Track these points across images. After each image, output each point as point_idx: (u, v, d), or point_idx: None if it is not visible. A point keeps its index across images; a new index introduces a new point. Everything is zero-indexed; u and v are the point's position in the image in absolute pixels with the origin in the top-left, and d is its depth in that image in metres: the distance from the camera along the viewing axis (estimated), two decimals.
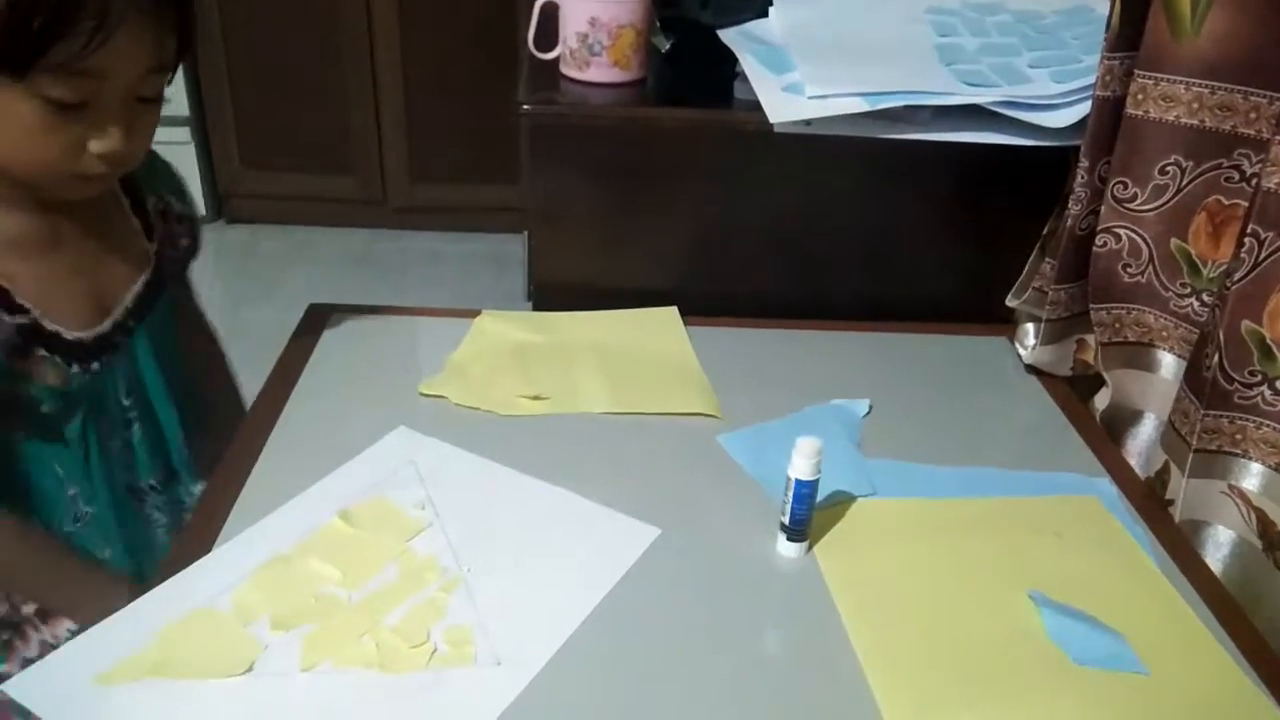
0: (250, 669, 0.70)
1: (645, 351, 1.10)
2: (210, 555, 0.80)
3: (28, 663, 0.79)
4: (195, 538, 0.82)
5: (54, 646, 0.88)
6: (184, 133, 2.79)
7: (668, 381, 1.05)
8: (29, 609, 0.94)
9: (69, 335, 0.85)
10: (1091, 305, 1.03)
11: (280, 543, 0.81)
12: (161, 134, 0.88)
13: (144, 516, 0.97)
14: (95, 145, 0.77)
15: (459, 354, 1.07)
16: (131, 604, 0.75)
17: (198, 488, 1.00)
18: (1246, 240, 0.83)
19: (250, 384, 1.07)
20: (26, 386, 0.83)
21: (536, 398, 1.01)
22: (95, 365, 0.87)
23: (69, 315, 0.85)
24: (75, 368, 0.85)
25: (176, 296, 1.01)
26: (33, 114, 0.73)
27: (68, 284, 0.86)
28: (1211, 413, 0.88)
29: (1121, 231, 0.99)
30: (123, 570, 0.95)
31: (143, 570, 0.96)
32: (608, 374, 1.05)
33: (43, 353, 0.82)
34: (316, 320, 1.13)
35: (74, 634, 0.91)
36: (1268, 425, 0.87)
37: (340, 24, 2.74)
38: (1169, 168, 0.95)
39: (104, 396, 0.89)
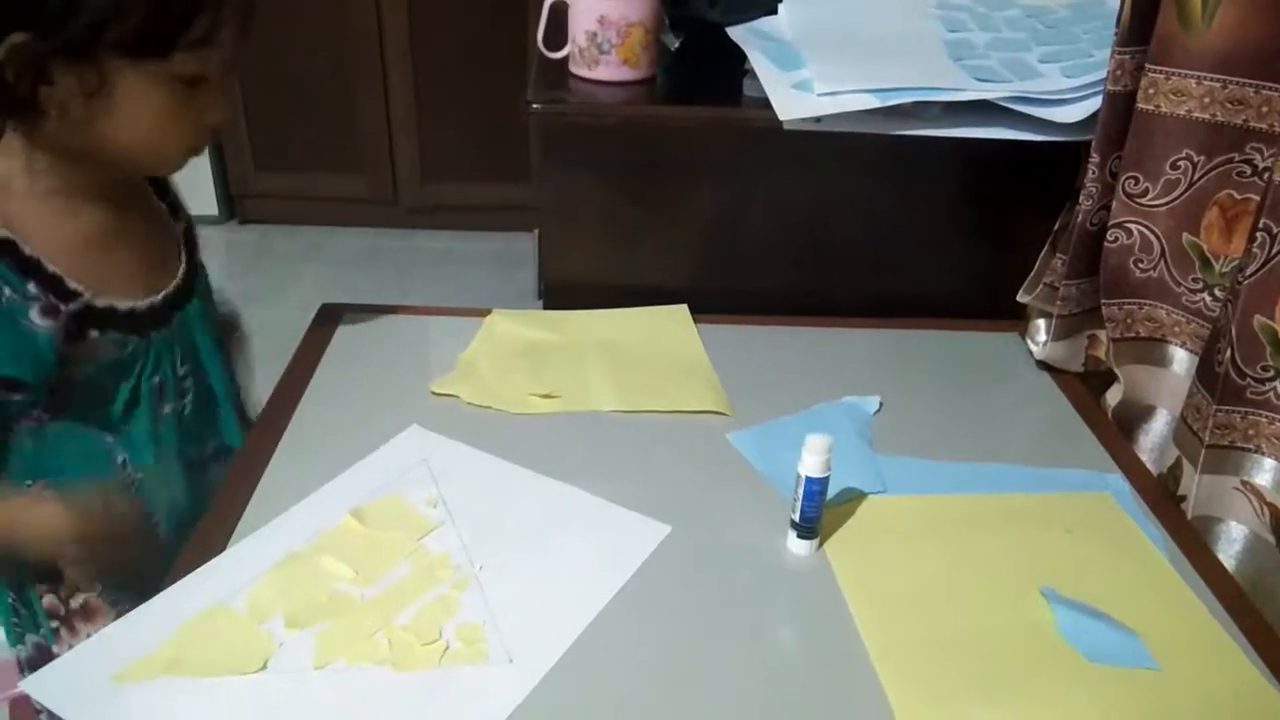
0: (264, 667, 0.71)
1: (656, 350, 1.11)
2: (224, 554, 0.80)
3: None
4: (209, 536, 0.82)
5: None
6: None
7: (678, 379, 1.05)
8: (76, 602, 0.95)
9: (123, 306, 0.86)
10: (1103, 301, 1.03)
11: (294, 541, 0.82)
12: None
13: (204, 485, 0.97)
14: (212, 117, 0.80)
15: (470, 353, 1.08)
16: (147, 603, 0.76)
17: None
18: (1259, 235, 0.83)
19: (263, 383, 1.08)
20: (78, 368, 0.84)
21: (547, 396, 1.01)
22: (151, 334, 0.89)
23: (122, 296, 0.87)
24: (132, 337, 0.87)
25: None
26: (167, 95, 0.76)
27: (127, 270, 0.87)
28: (1224, 408, 0.88)
29: (1133, 226, 0.99)
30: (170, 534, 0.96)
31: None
32: (618, 372, 1.05)
33: (95, 334, 0.84)
34: (329, 320, 1.14)
35: None
36: None
37: (350, 24, 2.75)
38: (1180, 162, 0.94)
39: (160, 363, 0.90)
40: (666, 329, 1.15)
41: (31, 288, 0.79)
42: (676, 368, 1.08)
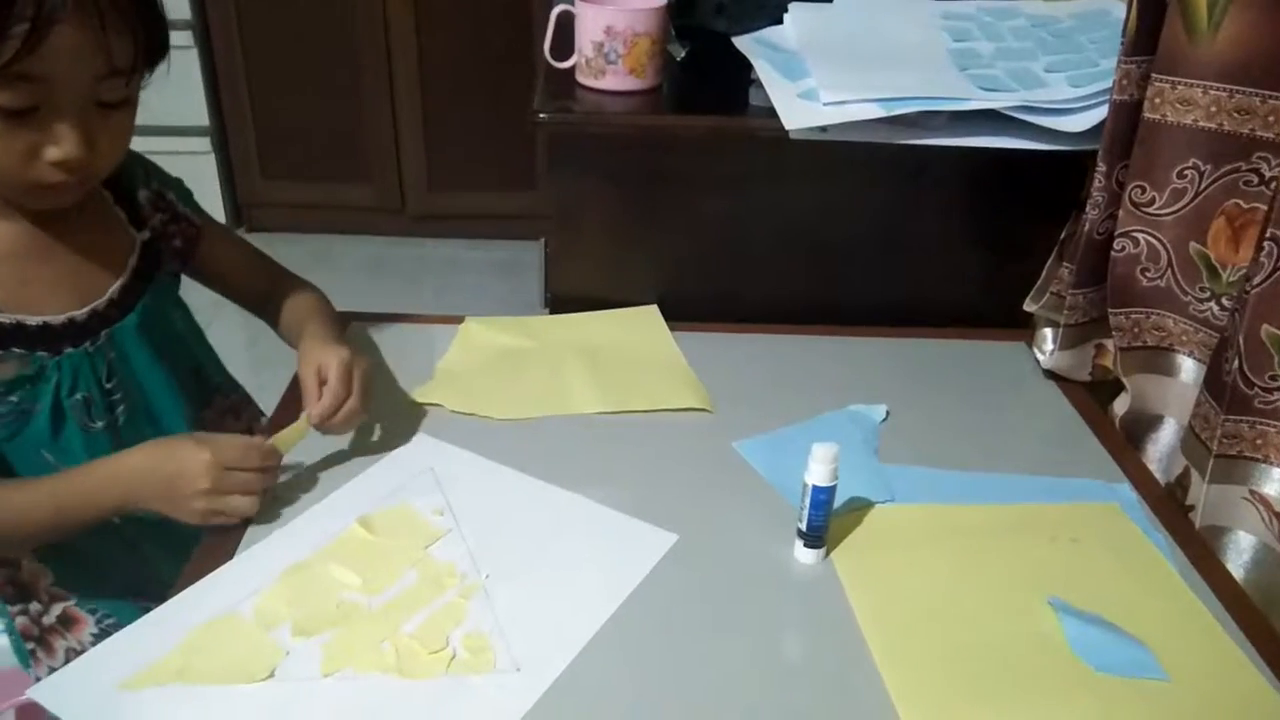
0: (272, 675, 0.71)
1: (631, 351, 1.11)
2: (232, 562, 0.81)
3: (54, 672, 0.80)
4: (217, 545, 0.83)
5: (79, 653, 0.89)
6: (204, 143, 2.81)
7: (656, 378, 1.06)
8: (51, 618, 0.95)
9: (32, 322, 0.84)
10: (1110, 310, 1.03)
11: (301, 549, 0.82)
12: (182, 144, 0.89)
13: None
14: (50, 152, 0.76)
15: (447, 361, 1.08)
16: (155, 610, 0.76)
17: None
18: (1266, 244, 0.83)
19: (271, 390, 1.08)
20: None
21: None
22: (68, 349, 0.86)
23: (44, 311, 0.85)
24: (41, 352, 0.84)
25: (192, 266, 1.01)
26: None
27: (48, 285, 0.85)
28: (1232, 417, 0.88)
29: (1140, 236, 0.99)
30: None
31: (139, 542, 0.96)
32: (596, 374, 1.06)
33: None
34: None
35: (97, 639, 0.92)
36: None
37: (357, 33, 2.76)
38: (1187, 171, 0.94)
39: (79, 379, 0.87)
40: (639, 330, 1.15)
41: None
42: (653, 367, 1.09)
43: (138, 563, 0.96)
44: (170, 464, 0.82)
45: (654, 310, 1.18)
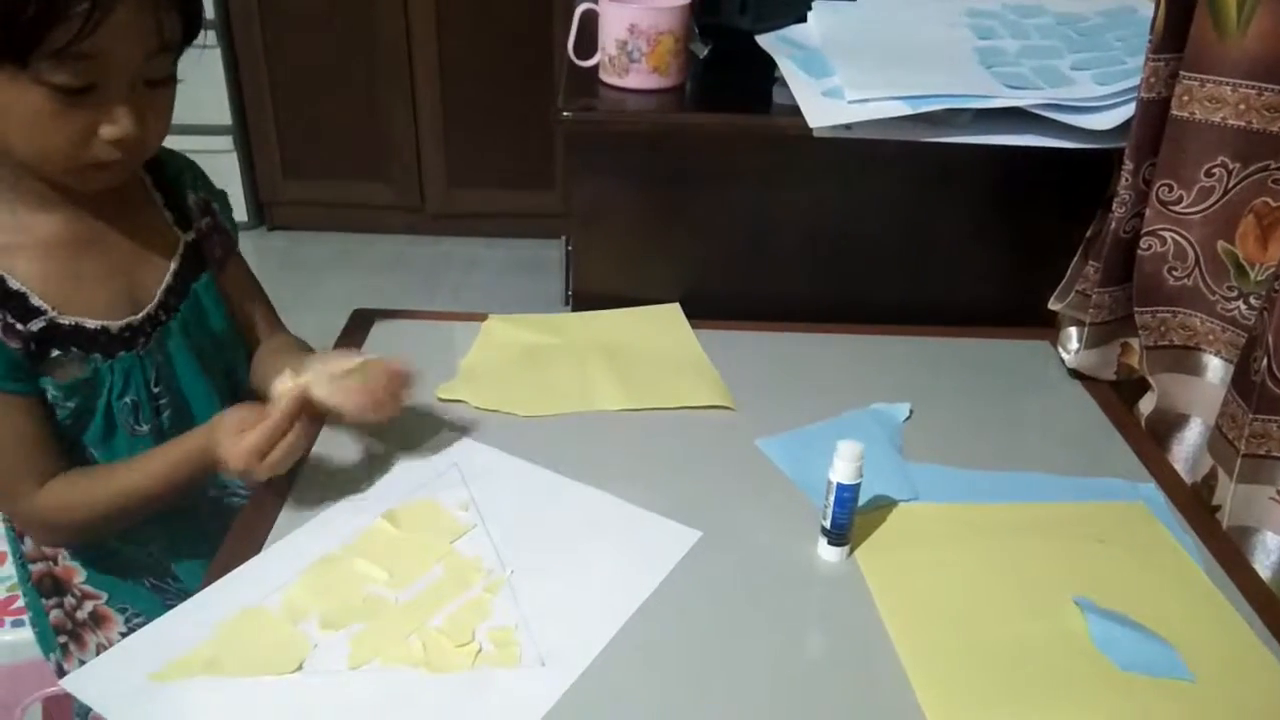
0: (300, 667, 0.71)
1: (653, 348, 1.12)
2: (260, 556, 0.81)
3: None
4: (246, 539, 0.83)
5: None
6: (226, 141, 2.84)
7: (679, 376, 1.06)
8: (84, 613, 0.96)
9: (91, 325, 0.85)
10: (1136, 309, 1.02)
11: (327, 543, 0.82)
12: (204, 142, 0.89)
13: (192, 495, 0.95)
14: (106, 130, 0.77)
15: (470, 359, 1.09)
16: (185, 603, 0.77)
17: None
18: None
19: None
20: (45, 385, 0.84)
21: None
22: (122, 353, 0.87)
23: (98, 309, 0.86)
24: (98, 355, 0.86)
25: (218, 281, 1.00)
26: (40, 102, 0.74)
27: (99, 280, 0.86)
28: (1260, 417, 0.87)
29: (1167, 234, 0.98)
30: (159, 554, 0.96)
31: (178, 548, 0.97)
32: (620, 371, 1.06)
33: (57, 353, 0.83)
34: (361, 324, 1.15)
35: (125, 636, 0.93)
36: None
37: (379, 32, 2.77)
38: (1215, 170, 0.94)
39: (131, 383, 0.89)
40: (661, 328, 1.16)
41: None
42: (676, 365, 1.09)
43: (163, 567, 0.97)
44: (213, 457, 0.84)
45: (676, 308, 1.18)
